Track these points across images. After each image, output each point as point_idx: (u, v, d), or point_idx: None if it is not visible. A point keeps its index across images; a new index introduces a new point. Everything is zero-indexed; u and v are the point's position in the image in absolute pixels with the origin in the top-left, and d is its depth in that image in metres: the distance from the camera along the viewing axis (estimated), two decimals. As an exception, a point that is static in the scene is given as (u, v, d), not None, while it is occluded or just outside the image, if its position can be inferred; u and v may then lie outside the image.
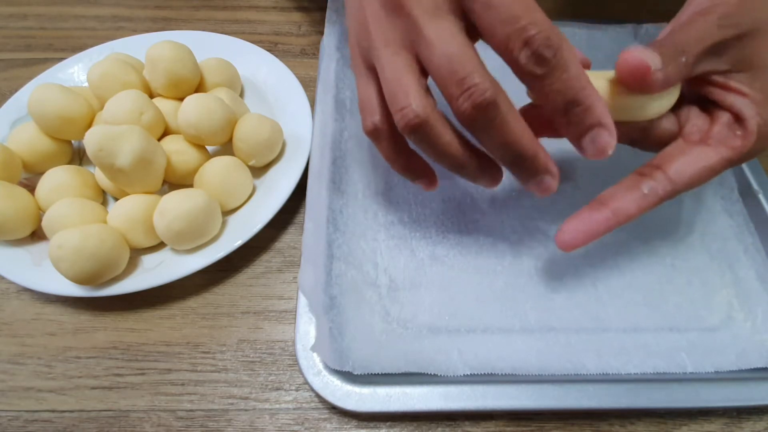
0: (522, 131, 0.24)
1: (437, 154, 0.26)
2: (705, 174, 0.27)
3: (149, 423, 0.29)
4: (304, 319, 0.30)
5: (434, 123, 0.24)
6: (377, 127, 0.27)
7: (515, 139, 0.24)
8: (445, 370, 0.28)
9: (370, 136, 0.28)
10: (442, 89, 0.24)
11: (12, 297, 0.33)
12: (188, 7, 0.50)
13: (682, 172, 0.27)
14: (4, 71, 0.44)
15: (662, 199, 0.27)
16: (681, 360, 0.29)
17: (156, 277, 0.31)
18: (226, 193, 0.34)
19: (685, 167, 0.27)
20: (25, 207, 0.32)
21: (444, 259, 0.33)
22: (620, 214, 0.27)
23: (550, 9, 0.49)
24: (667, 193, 0.27)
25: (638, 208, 0.27)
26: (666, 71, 0.24)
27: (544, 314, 0.31)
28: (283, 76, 0.41)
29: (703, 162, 0.26)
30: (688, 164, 0.27)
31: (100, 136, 0.30)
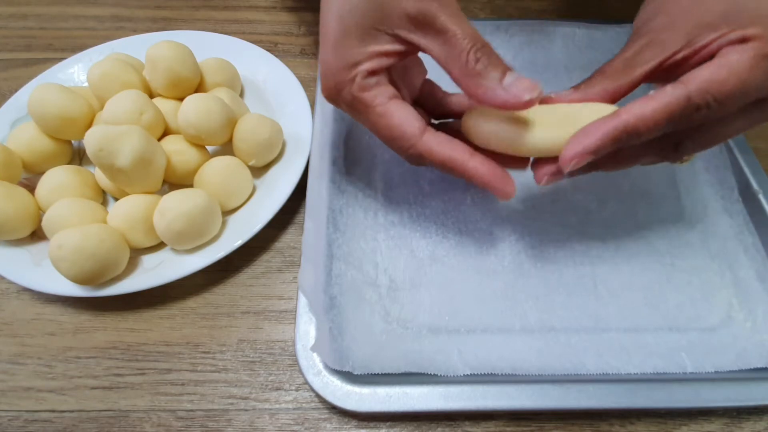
0: (449, 168, 0.27)
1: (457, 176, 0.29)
2: (731, 79, 0.22)
3: (149, 423, 0.29)
4: (304, 319, 0.30)
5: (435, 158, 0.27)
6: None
7: (444, 169, 0.28)
8: (445, 370, 0.28)
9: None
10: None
11: (12, 297, 0.33)
12: (188, 7, 0.50)
13: (702, 77, 0.23)
14: (4, 71, 0.44)
15: (678, 106, 0.23)
16: (681, 360, 0.29)
17: (156, 277, 0.31)
18: (226, 193, 0.34)
19: (705, 72, 0.23)
20: (25, 207, 0.32)
21: (444, 259, 0.33)
22: (633, 112, 0.23)
23: (551, 9, 0.49)
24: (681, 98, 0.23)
25: (653, 109, 0.23)
26: (592, 88, 0.26)
27: (544, 314, 0.31)
28: (283, 76, 0.41)
29: (724, 66, 0.23)
30: (708, 69, 0.23)
31: (100, 136, 0.30)
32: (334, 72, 0.27)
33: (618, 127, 0.23)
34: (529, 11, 0.49)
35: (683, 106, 0.23)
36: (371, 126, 0.28)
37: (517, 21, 0.44)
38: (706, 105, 0.22)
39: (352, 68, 0.26)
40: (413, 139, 0.27)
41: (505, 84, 0.24)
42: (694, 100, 0.22)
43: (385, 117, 0.27)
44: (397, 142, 0.27)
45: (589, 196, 0.36)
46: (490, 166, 0.27)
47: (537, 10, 0.49)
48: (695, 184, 0.36)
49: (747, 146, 0.38)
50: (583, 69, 0.42)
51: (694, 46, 0.24)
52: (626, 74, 0.26)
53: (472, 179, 0.27)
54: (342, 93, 0.27)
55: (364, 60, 0.26)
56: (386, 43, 0.26)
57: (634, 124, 0.23)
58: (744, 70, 0.22)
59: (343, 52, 0.26)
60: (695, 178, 0.37)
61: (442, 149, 0.27)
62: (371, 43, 0.26)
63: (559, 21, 0.43)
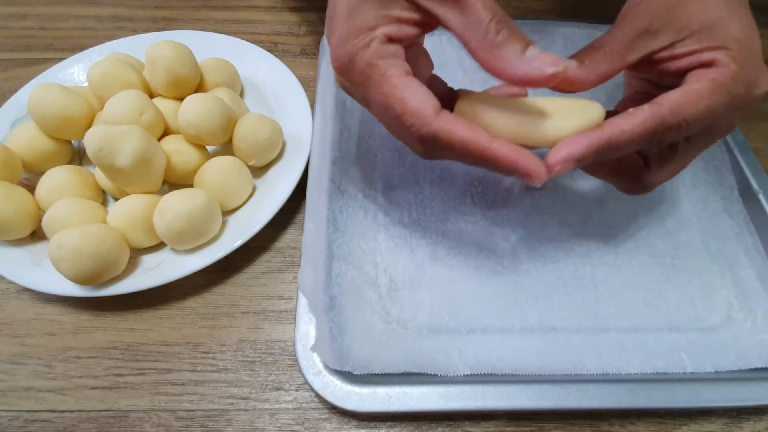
0: (465, 152, 0.25)
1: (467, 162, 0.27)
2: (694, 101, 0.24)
3: (149, 423, 0.29)
4: (304, 319, 0.30)
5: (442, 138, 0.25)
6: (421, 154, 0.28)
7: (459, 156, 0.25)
8: (445, 370, 0.28)
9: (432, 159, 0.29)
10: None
11: (12, 297, 0.33)
12: (188, 7, 0.50)
13: (672, 99, 0.25)
14: (4, 71, 0.44)
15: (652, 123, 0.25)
16: (681, 360, 0.29)
17: (156, 277, 0.31)
18: (226, 193, 0.34)
19: (674, 95, 0.25)
20: (25, 207, 0.32)
21: (444, 259, 0.33)
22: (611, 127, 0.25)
23: (551, 9, 0.49)
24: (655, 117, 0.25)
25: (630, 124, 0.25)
26: (585, 66, 0.26)
27: (544, 314, 0.31)
28: (283, 76, 0.41)
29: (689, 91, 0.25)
30: (677, 93, 0.25)
31: (100, 136, 0.30)
32: (348, 38, 0.25)
33: (602, 138, 0.24)
34: (529, 11, 0.49)
35: (658, 124, 0.24)
36: (382, 99, 0.25)
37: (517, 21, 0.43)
38: (677, 125, 0.25)
39: (368, 32, 0.25)
40: (429, 117, 0.24)
41: (527, 57, 0.24)
42: (667, 121, 0.24)
43: (400, 89, 0.24)
44: (410, 119, 0.24)
45: (589, 196, 0.36)
46: (515, 146, 0.24)
47: (537, 10, 0.49)
48: (695, 184, 0.36)
49: (747, 146, 0.38)
50: (583, 69, 0.42)
51: (674, 51, 0.26)
52: (624, 57, 0.26)
53: (497, 162, 0.24)
54: (355, 60, 0.25)
55: (381, 24, 0.25)
56: (404, 9, 0.25)
57: (616, 138, 0.24)
58: (709, 95, 0.25)
59: (360, 18, 0.25)
60: (695, 178, 0.37)
61: (461, 129, 0.24)
62: (389, 8, 0.25)
63: (559, 21, 0.43)
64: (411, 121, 0.24)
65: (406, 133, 0.25)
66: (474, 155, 0.24)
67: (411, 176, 0.36)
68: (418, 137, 0.25)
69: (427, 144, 0.25)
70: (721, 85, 0.25)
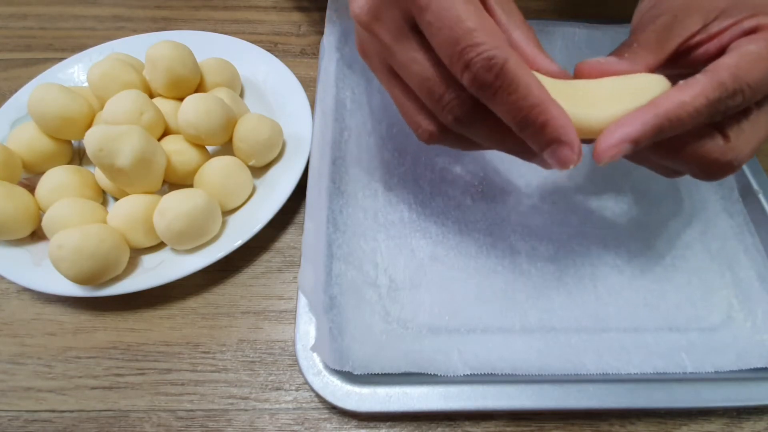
0: (522, 102, 0.21)
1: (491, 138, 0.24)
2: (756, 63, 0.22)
3: (149, 423, 0.29)
4: (304, 319, 0.30)
5: (481, 109, 0.23)
6: (432, 132, 0.25)
7: (516, 104, 0.21)
8: (445, 370, 0.28)
9: (432, 143, 0.26)
10: (427, 104, 0.24)
11: (12, 297, 0.33)
12: (188, 7, 0.50)
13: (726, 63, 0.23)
14: (4, 71, 0.44)
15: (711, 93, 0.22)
16: (681, 360, 0.29)
17: (156, 277, 0.31)
18: (226, 193, 0.34)
19: (729, 59, 0.23)
20: (25, 207, 0.32)
21: (444, 259, 0.33)
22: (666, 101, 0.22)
23: (551, 9, 0.49)
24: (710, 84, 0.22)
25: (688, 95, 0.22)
26: (626, 59, 0.24)
27: (544, 314, 0.31)
28: (283, 76, 0.41)
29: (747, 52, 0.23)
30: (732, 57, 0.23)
31: (100, 136, 0.30)
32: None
33: (660, 114, 0.22)
34: (529, 11, 0.49)
35: (720, 91, 0.22)
36: (434, 18, 0.21)
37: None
38: (741, 90, 0.22)
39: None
40: (503, 41, 0.21)
41: None
42: (728, 86, 0.22)
43: (474, 5, 0.21)
44: (483, 36, 0.20)
45: (589, 196, 0.36)
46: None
47: (537, 10, 0.49)
48: (695, 184, 0.36)
49: (747, 146, 0.38)
50: (583, 69, 0.42)
51: (709, 31, 0.24)
52: (662, 48, 0.25)
53: (547, 123, 0.21)
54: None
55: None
56: None
57: (676, 112, 0.22)
58: (765, 57, 0.22)
59: None
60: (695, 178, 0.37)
61: (527, 70, 0.21)
62: None
63: (559, 21, 0.43)
64: (483, 38, 0.20)
65: (463, 58, 0.21)
66: (528, 106, 0.21)
67: (411, 176, 0.36)
68: (484, 60, 0.20)
69: (485, 77, 0.21)
70: None
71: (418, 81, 0.24)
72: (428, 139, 0.26)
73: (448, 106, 0.23)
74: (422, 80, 0.23)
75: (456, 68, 0.21)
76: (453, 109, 0.23)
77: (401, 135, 0.38)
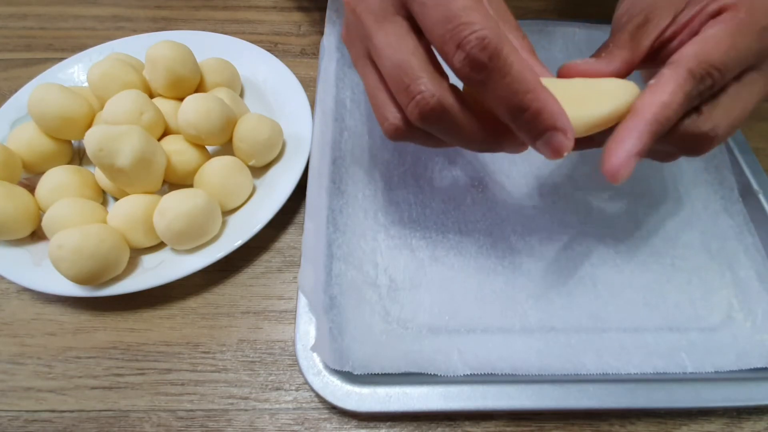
0: (516, 86, 0.21)
1: (457, 137, 0.24)
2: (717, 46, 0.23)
3: (149, 423, 0.29)
4: (304, 319, 0.30)
5: (449, 106, 0.23)
6: (398, 127, 0.25)
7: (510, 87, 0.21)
8: (445, 370, 0.28)
9: (396, 139, 0.25)
10: (396, 97, 0.24)
11: (12, 297, 0.33)
12: (188, 7, 0.50)
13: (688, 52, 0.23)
14: (4, 71, 0.44)
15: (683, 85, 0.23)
16: (681, 360, 0.29)
17: (156, 277, 0.31)
18: (226, 193, 0.34)
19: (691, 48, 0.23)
20: (25, 207, 0.32)
21: (444, 259, 0.33)
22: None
23: (551, 9, 0.49)
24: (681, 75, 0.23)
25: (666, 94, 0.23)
26: (606, 57, 0.25)
27: (544, 314, 0.31)
28: (283, 76, 0.41)
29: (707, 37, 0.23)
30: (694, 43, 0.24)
31: (100, 136, 0.30)
32: None
33: (650, 120, 0.22)
34: (529, 11, 0.49)
35: (691, 80, 0.22)
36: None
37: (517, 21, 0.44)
38: (709, 74, 0.23)
39: None
40: (495, 23, 0.21)
41: None
42: (696, 72, 0.22)
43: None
44: (474, 15, 0.20)
45: (589, 196, 0.36)
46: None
47: (537, 10, 0.49)
48: (695, 184, 0.36)
49: (747, 146, 0.38)
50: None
51: (679, 22, 0.25)
52: (637, 47, 0.25)
53: (541, 111, 0.21)
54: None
55: None
56: None
57: (663, 114, 0.23)
58: (728, 36, 0.23)
59: None
60: (695, 178, 0.37)
61: (520, 57, 0.21)
62: None
63: (559, 21, 0.43)
64: (478, 18, 0.20)
65: (456, 36, 0.20)
66: (523, 90, 0.21)
67: (411, 176, 0.36)
68: (478, 39, 0.20)
69: (479, 56, 0.20)
70: (736, 23, 0.23)
71: (391, 67, 0.23)
72: (394, 134, 0.25)
73: (416, 100, 0.22)
74: (394, 66, 0.23)
75: (448, 47, 0.21)
76: (419, 102, 0.22)
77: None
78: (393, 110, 0.24)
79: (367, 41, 0.24)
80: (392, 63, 0.23)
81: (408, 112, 0.23)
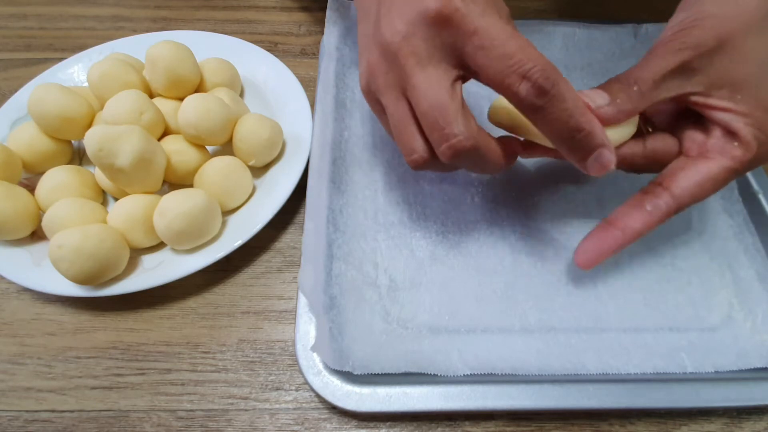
0: (573, 110, 0.23)
1: (479, 168, 0.28)
2: (708, 186, 0.27)
3: (149, 423, 0.29)
4: (304, 319, 0.30)
5: (481, 146, 0.25)
6: (425, 160, 0.26)
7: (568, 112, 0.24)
8: (445, 370, 0.28)
9: (418, 169, 0.27)
10: (428, 135, 0.25)
11: (12, 297, 0.33)
12: (188, 7, 0.50)
13: (684, 186, 0.27)
14: (4, 71, 0.44)
15: (667, 215, 0.27)
16: (681, 360, 0.29)
17: (156, 277, 0.31)
18: (226, 193, 0.34)
19: (687, 181, 0.27)
20: (25, 207, 0.32)
21: (444, 259, 0.33)
22: (628, 233, 0.28)
23: (551, 9, 0.49)
24: (671, 209, 0.27)
25: (645, 225, 0.27)
26: (615, 105, 0.26)
27: (544, 314, 0.31)
28: (283, 76, 0.41)
29: (703, 174, 0.27)
30: (690, 178, 0.27)
31: (100, 136, 0.30)
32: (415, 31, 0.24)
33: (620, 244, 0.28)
34: (529, 11, 0.49)
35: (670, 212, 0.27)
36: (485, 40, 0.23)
37: (517, 21, 0.43)
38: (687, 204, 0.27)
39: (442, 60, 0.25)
40: (545, 57, 0.23)
41: None
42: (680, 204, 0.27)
43: None
44: (525, 54, 0.23)
45: (589, 196, 0.36)
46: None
47: (537, 10, 0.49)
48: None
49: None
50: (583, 69, 0.42)
51: (709, 100, 0.26)
52: (655, 95, 0.26)
53: (592, 129, 0.24)
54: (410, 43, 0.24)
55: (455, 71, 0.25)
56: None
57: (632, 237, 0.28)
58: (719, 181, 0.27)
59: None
60: None
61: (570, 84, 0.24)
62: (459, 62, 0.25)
63: (559, 21, 0.43)
64: (536, 54, 0.23)
65: (520, 69, 0.23)
66: (579, 114, 0.23)
67: (411, 176, 0.36)
68: (541, 71, 0.23)
69: (544, 84, 0.23)
70: (735, 172, 0.26)
71: (428, 107, 0.24)
72: (418, 165, 0.27)
73: (451, 142, 0.24)
74: (432, 107, 0.24)
75: (511, 79, 0.23)
76: (455, 144, 0.24)
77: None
78: (421, 144, 0.26)
79: (404, 79, 0.25)
80: (430, 104, 0.24)
81: (440, 150, 0.25)
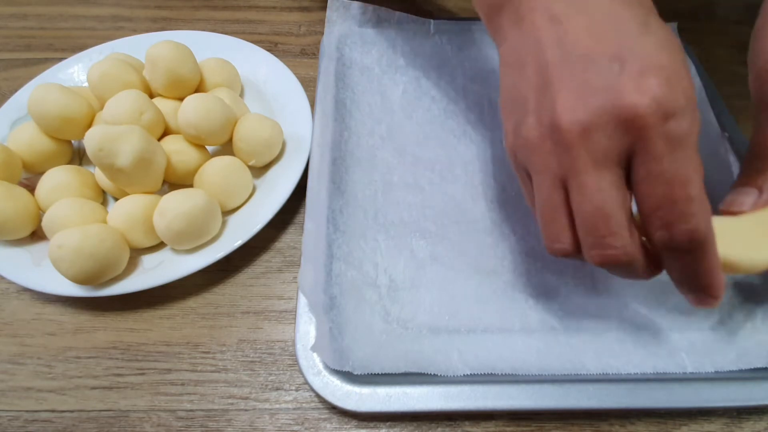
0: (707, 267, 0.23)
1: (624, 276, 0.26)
2: None
3: (149, 423, 0.29)
4: (304, 319, 0.30)
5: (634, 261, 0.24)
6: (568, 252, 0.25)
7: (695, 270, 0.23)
8: (445, 370, 0.28)
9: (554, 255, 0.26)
10: (580, 232, 0.24)
11: (12, 297, 0.33)
12: (188, 7, 0.50)
13: None
14: (4, 71, 0.44)
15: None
16: (681, 360, 0.29)
17: (156, 277, 0.31)
18: (226, 193, 0.34)
19: None
20: (25, 207, 0.32)
21: (444, 259, 0.33)
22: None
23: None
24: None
25: None
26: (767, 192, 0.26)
27: (544, 314, 0.31)
28: (283, 76, 0.41)
29: None
30: None
31: (100, 136, 0.30)
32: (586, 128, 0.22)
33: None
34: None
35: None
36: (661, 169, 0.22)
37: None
38: None
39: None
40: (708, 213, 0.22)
41: None
42: None
43: None
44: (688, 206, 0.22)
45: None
46: None
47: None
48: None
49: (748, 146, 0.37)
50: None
51: None
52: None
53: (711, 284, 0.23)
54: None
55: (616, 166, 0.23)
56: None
57: None
58: None
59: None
60: None
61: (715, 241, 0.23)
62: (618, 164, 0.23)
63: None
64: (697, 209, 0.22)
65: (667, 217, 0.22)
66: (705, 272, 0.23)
67: (411, 176, 0.36)
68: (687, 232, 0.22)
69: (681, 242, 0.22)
70: None
71: (592, 209, 0.23)
72: (558, 254, 0.25)
73: (606, 252, 0.23)
74: (596, 210, 0.23)
75: (654, 220, 0.22)
76: (608, 255, 0.23)
77: (401, 135, 0.38)
78: (569, 237, 0.25)
79: (570, 172, 0.23)
80: (595, 207, 0.23)
81: (590, 255, 0.24)
